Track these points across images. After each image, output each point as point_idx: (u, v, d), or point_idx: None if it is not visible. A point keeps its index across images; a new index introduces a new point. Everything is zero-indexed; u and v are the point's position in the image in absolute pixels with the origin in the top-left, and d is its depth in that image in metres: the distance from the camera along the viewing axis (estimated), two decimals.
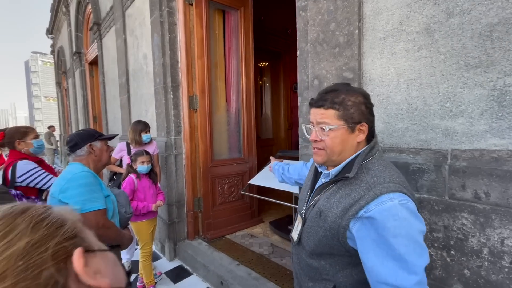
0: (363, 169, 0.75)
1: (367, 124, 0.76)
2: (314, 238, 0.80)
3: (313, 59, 1.37)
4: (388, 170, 0.75)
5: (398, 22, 1.10)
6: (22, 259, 0.29)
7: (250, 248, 2.69)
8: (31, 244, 0.30)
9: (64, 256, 0.31)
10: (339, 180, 0.78)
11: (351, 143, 0.77)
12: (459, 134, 0.97)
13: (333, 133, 0.76)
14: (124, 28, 3.64)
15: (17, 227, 0.31)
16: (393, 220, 0.65)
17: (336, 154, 0.78)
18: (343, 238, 0.73)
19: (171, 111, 2.81)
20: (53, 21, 8.49)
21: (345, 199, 0.73)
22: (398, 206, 0.66)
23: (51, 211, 0.35)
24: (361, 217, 0.69)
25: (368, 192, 0.70)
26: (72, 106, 7.33)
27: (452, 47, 0.97)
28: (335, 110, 0.75)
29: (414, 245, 0.65)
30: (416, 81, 1.07)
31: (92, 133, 1.28)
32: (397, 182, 0.72)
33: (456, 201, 0.96)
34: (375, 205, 0.68)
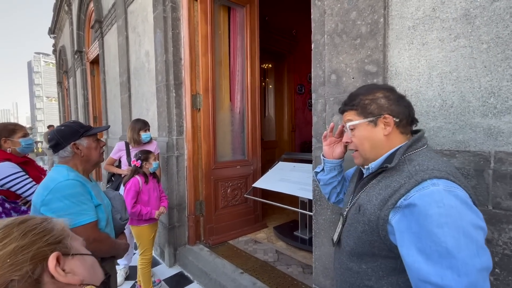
0: (406, 161, 0.70)
1: (390, 115, 0.73)
2: (353, 235, 0.76)
3: (331, 52, 1.25)
4: (435, 160, 0.68)
5: (431, 9, 0.98)
6: (10, 258, 0.38)
7: (254, 255, 2.55)
8: (18, 248, 0.40)
9: (41, 258, 0.41)
10: (379, 173, 0.74)
11: (378, 138, 0.75)
12: (505, 134, 0.85)
13: (357, 131, 0.78)
14: (126, 25, 3.54)
15: (11, 235, 0.41)
16: (437, 207, 0.56)
17: (367, 151, 0.77)
18: (384, 231, 0.67)
19: (173, 110, 2.69)
20: (55, 20, 8.43)
21: (385, 190, 0.69)
22: (442, 192, 0.58)
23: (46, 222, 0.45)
24: (401, 206, 0.63)
25: (409, 180, 0.64)
26: (72, 106, 7.24)
27: (497, 34, 0.85)
28: (354, 110, 0.79)
29: (466, 240, 0.54)
30: (452, 74, 0.94)
31: (75, 129, 1.07)
32: (443, 170, 0.64)
33: (502, 212, 0.83)
34: (416, 191, 0.61)
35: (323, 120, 1.33)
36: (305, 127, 6.11)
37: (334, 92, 1.26)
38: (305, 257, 2.49)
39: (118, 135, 4.12)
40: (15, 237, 0.40)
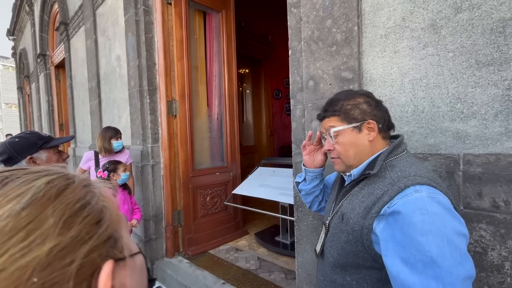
0: (387, 167, 0.70)
1: (373, 120, 0.73)
2: (337, 245, 0.73)
3: (308, 58, 1.27)
4: (416, 166, 0.68)
5: (400, 18, 1.03)
6: (39, 274, 0.21)
7: (236, 264, 2.50)
8: (56, 252, 0.22)
9: (90, 272, 0.25)
10: (362, 180, 0.73)
11: (363, 143, 0.74)
12: (472, 137, 0.90)
13: (341, 138, 0.76)
14: (95, 28, 3.37)
15: (44, 223, 0.23)
16: (420, 214, 0.56)
17: (351, 158, 0.76)
18: (368, 241, 0.65)
19: (148, 116, 2.58)
20: (15, 21, 7.82)
21: (368, 198, 0.67)
22: (426, 199, 0.58)
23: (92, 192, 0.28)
24: (385, 214, 0.62)
25: (392, 187, 0.64)
26: (35, 113, 6.72)
27: (462, 44, 0.90)
28: (337, 116, 0.76)
29: (450, 248, 0.53)
30: (422, 81, 0.99)
31: (33, 142, 0.96)
32: (425, 176, 0.64)
33: (472, 211, 0.88)
34: (399, 198, 0.61)
35: (302, 126, 1.34)
36: (283, 131, 6.18)
37: (312, 98, 1.27)
38: (287, 262, 2.48)
39: (88, 143, 3.88)
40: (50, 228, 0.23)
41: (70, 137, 1.16)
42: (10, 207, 0.22)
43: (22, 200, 0.23)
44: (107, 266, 0.25)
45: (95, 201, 0.27)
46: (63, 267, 0.22)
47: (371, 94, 0.79)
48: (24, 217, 0.22)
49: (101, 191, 0.29)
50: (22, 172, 0.26)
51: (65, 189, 0.26)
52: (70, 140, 1.11)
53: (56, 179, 0.26)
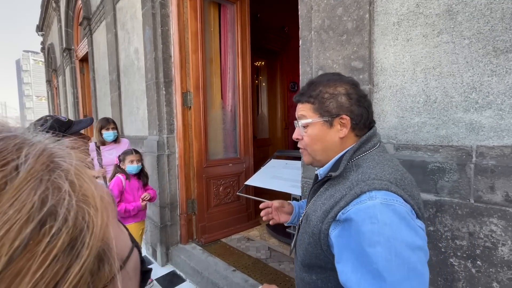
0: (353, 166, 0.66)
1: (348, 116, 0.67)
2: (302, 246, 0.71)
3: (318, 48, 1.25)
4: (380, 166, 0.63)
5: (414, 4, 0.99)
6: None
7: (247, 253, 2.56)
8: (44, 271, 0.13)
9: None
10: (327, 180, 0.70)
11: (332, 140, 0.69)
12: (486, 128, 0.86)
13: (310, 130, 0.71)
14: (115, 22, 3.48)
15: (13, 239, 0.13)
16: (370, 224, 0.53)
17: (317, 153, 0.71)
18: (325, 245, 0.63)
19: (164, 108, 2.66)
20: (43, 18, 8.24)
21: (328, 201, 0.64)
22: (378, 206, 0.54)
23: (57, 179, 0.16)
24: (340, 220, 0.59)
25: (350, 191, 0.60)
26: (62, 105, 7.11)
27: (479, 30, 0.86)
28: (311, 103, 0.70)
29: (398, 261, 0.50)
30: (435, 70, 0.95)
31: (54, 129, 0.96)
32: (385, 179, 0.59)
33: (483, 205, 0.85)
34: (353, 204, 0.58)
35: None
36: None
37: None
38: None
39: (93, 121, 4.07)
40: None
41: (90, 120, 1.11)
42: None
43: None
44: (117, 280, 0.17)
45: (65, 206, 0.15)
46: None
47: (357, 85, 0.71)
48: None
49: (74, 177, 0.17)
50: None
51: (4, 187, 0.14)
52: (91, 124, 1.10)
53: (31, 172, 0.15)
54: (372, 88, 1.11)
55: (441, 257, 0.93)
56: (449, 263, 0.92)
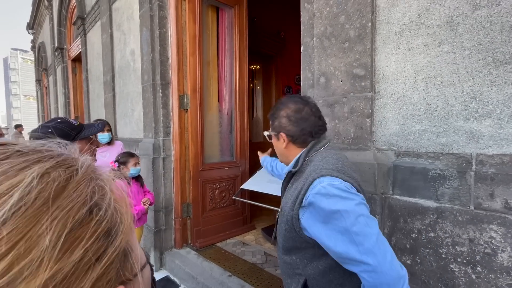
0: (309, 163, 0.84)
1: (285, 134, 0.88)
2: (281, 233, 0.87)
3: (320, 54, 1.27)
4: (326, 159, 0.82)
5: (416, 15, 1.01)
6: None
7: (242, 257, 2.53)
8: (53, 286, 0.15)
9: None
10: (292, 176, 0.89)
11: (280, 148, 0.92)
12: (485, 137, 0.88)
13: (272, 140, 0.96)
14: (110, 22, 3.44)
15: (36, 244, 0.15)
16: (326, 199, 0.70)
17: (279, 156, 0.97)
18: (298, 228, 0.78)
19: (160, 110, 2.63)
20: (34, 16, 8.07)
21: (294, 192, 0.81)
22: (326, 187, 0.72)
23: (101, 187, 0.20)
24: (305, 206, 0.75)
25: (306, 180, 0.78)
26: (52, 105, 6.94)
27: (479, 41, 0.88)
28: (271, 121, 0.95)
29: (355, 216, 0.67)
30: (436, 79, 0.97)
31: (66, 133, 0.92)
32: (329, 168, 0.78)
33: (483, 212, 0.86)
34: (310, 190, 0.74)
35: None
36: None
37: (323, 95, 1.27)
38: None
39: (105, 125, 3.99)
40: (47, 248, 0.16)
41: (101, 126, 1.07)
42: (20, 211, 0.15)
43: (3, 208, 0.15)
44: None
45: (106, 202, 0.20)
46: None
47: (300, 110, 0.88)
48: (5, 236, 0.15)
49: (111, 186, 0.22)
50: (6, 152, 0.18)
51: (66, 185, 0.18)
52: (102, 129, 1.06)
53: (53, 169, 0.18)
54: (373, 95, 1.13)
55: (441, 263, 0.95)
56: (449, 269, 0.93)
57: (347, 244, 0.67)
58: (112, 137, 2.45)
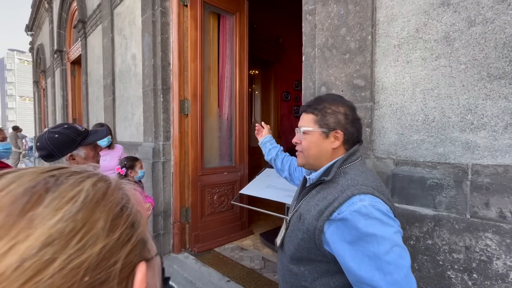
0: (341, 174, 0.78)
1: (342, 132, 0.80)
2: (294, 241, 0.81)
3: (321, 64, 1.30)
4: (365, 175, 0.76)
5: (414, 29, 1.05)
6: (90, 273, 0.22)
7: (241, 262, 2.54)
8: (104, 253, 0.24)
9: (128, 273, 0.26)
10: (319, 184, 0.81)
11: (325, 148, 0.81)
12: (481, 148, 0.92)
13: (309, 136, 0.83)
14: (112, 27, 3.47)
15: (95, 225, 0.24)
16: (364, 220, 0.66)
17: (311, 157, 0.83)
18: (319, 240, 0.73)
19: (161, 115, 2.65)
20: (33, 18, 8.08)
21: (322, 202, 0.75)
22: (368, 207, 0.67)
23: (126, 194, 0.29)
24: (335, 219, 0.70)
25: (342, 194, 0.72)
26: (50, 107, 6.91)
27: (474, 56, 0.93)
28: (314, 115, 0.82)
29: (391, 244, 0.64)
30: (433, 91, 1.01)
31: (72, 139, 0.93)
32: (370, 185, 0.73)
33: (479, 220, 0.90)
34: (347, 206, 0.69)
35: None
36: (291, 133, 6.17)
37: None
38: None
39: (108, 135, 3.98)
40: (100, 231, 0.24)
41: (105, 132, 1.07)
42: (67, 209, 0.23)
43: (76, 203, 0.24)
44: (142, 267, 0.26)
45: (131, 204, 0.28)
46: (109, 267, 0.23)
47: (354, 110, 0.83)
48: (79, 219, 0.23)
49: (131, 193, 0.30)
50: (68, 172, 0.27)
51: (107, 191, 0.27)
52: (106, 135, 1.07)
53: (98, 182, 0.27)
54: (373, 106, 1.16)
55: (439, 269, 0.97)
56: (446, 276, 0.96)
57: (373, 270, 0.62)
58: (112, 140, 2.46)
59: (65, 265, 0.21)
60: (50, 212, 0.22)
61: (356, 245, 0.65)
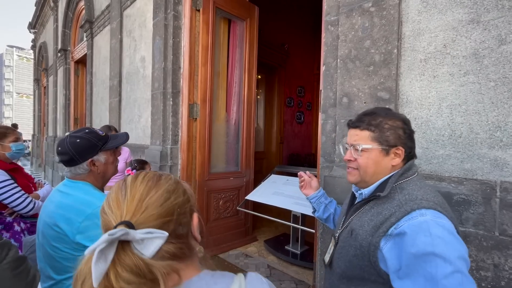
0: (397, 189, 0.74)
1: (403, 148, 0.76)
2: (345, 258, 0.77)
3: (343, 75, 1.30)
4: (424, 190, 0.71)
5: (442, 45, 1.06)
6: (179, 208, 0.49)
7: (246, 270, 2.51)
8: (183, 201, 0.51)
9: (191, 213, 0.52)
10: (372, 199, 0.77)
11: (385, 166, 0.77)
12: (510, 165, 0.92)
13: (367, 154, 0.78)
14: (121, 28, 3.46)
15: (179, 191, 0.51)
16: (424, 236, 0.60)
17: (368, 175, 0.78)
18: (374, 257, 0.69)
19: (169, 118, 2.64)
20: (37, 15, 8.05)
21: (377, 217, 0.72)
22: (430, 222, 0.61)
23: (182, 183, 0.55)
24: (392, 234, 0.66)
25: (399, 209, 0.68)
26: (51, 105, 6.85)
27: (504, 74, 0.93)
28: (371, 131, 0.77)
29: (452, 269, 0.56)
30: (461, 107, 1.02)
31: (94, 144, 0.92)
32: (431, 200, 0.67)
33: (508, 238, 0.89)
34: (405, 220, 0.65)
35: (332, 140, 1.37)
36: (293, 139, 6.20)
37: (345, 114, 1.30)
38: (297, 272, 2.49)
39: None
40: (180, 192, 0.51)
41: (125, 137, 1.06)
42: (169, 183, 0.51)
43: (171, 181, 0.52)
44: (195, 214, 0.54)
45: (185, 186, 0.54)
46: (185, 207, 0.50)
47: (409, 122, 0.79)
48: (174, 188, 0.51)
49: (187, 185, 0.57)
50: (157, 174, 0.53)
51: (178, 184, 0.53)
52: (126, 141, 1.06)
53: (173, 177, 0.54)
54: None
55: None
56: None
57: None
58: None
59: (173, 200, 0.48)
60: (166, 182, 0.51)
61: (413, 264, 0.59)
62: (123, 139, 1.03)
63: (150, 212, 0.45)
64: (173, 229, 0.45)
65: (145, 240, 0.41)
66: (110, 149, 1.00)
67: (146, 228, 0.42)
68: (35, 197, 1.51)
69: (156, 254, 0.41)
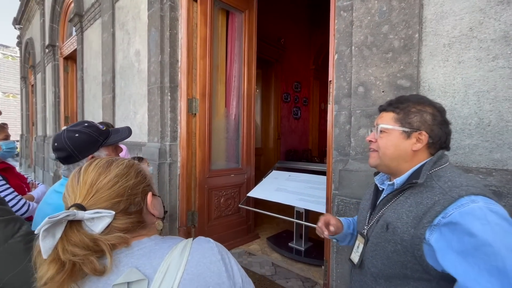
0: (433, 177, 0.69)
1: (427, 134, 0.72)
2: (381, 256, 0.71)
3: (359, 63, 1.23)
4: (465, 176, 0.67)
5: (468, 28, 1.00)
6: (130, 190, 0.56)
7: (250, 269, 2.44)
8: (135, 183, 0.57)
9: (144, 194, 0.59)
10: (406, 189, 0.72)
11: (404, 150, 0.73)
12: None
13: (386, 135, 0.76)
14: (113, 21, 3.31)
15: (130, 174, 0.58)
16: (481, 225, 0.55)
17: (388, 157, 0.75)
18: (419, 251, 0.63)
19: (168, 114, 2.53)
20: (22, 10, 7.72)
21: (417, 207, 0.66)
22: (484, 209, 0.56)
23: (140, 165, 0.63)
24: (439, 224, 0.60)
25: (444, 196, 0.62)
26: (39, 104, 6.61)
27: None
28: (395, 113, 0.75)
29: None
30: (489, 94, 0.96)
31: (94, 139, 0.85)
32: (478, 186, 0.62)
33: None
34: (454, 208, 0.59)
35: (347, 133, 1.30)
36: (290, 135, 6.15)
37: (361, 105, 1.24)
38: (303, 269, 2.44)
39: None
40: (132, 176, 0.57)
41: (128, 131, 0.99)
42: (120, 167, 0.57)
43: (123, 165, 0.58)
44: (149, 194, 0.60)
45: (142, 168, 0.61)
46: (137, 189, 0.57)
47: (443, 111, 0.76)
48: (125, 171, 0.57)
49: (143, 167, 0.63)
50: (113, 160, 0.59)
51: (133, 163, 0.60)
52: (129, 136, 0.99)
53: (128, 161, 0.60)
54: None
55: None
56: None
57: None
58: None
59: (122, 184, 0.55)
60: (116, 168, 0.57)
61: (470, 257, 0.54)
62: (126, 133, 0.95)
63: (100, 195, 0.52)
64: (124, 208, 0.53)
65: (95, 219, 0.49)
66: (112, 145, 0.91)
67: (95, 209, 0.49)
68: (29, 199, 1.40)
69: (106, 229, 0.50)
